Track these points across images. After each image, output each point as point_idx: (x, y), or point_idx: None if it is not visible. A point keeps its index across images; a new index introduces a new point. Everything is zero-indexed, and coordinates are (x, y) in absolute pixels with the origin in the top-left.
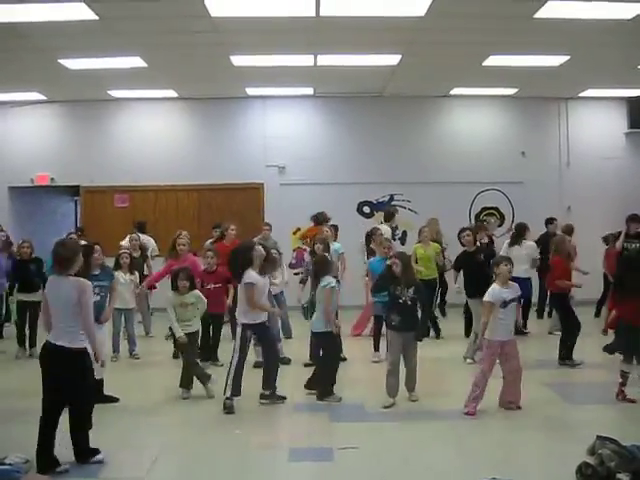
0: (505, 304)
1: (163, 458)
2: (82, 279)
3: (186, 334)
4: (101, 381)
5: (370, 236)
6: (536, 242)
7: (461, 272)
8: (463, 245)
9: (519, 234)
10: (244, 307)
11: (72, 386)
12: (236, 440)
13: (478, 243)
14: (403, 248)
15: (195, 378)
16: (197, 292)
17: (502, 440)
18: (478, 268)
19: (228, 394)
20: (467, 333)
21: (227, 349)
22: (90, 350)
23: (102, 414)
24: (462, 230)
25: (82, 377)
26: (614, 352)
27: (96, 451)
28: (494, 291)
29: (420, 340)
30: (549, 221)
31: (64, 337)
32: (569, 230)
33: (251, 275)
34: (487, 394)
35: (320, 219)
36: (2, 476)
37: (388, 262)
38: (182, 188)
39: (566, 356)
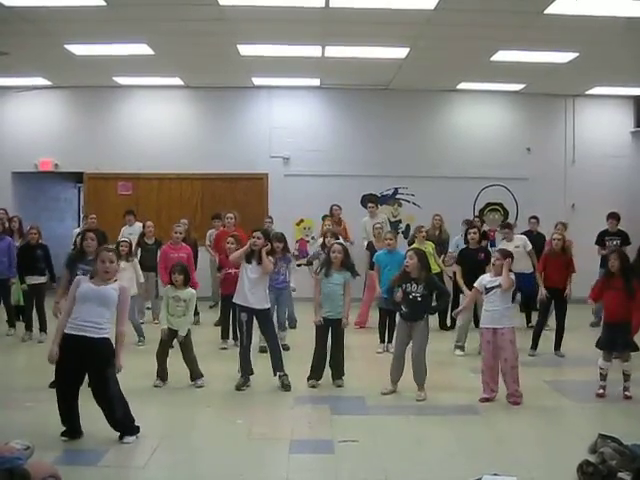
0: (486, 290)
1: (163, 447)
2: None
3: (172, 330)
4: None
5: None
6: None
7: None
8: (467, 242)
9: None
10: (238, 288)
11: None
12: (237, 430)
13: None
14: (406, 242)
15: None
16: (192, 291)
17: (503, 436)
18: (477, 265)
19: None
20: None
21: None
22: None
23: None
24: (470, 227)
25: None
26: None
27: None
28: (480, 279)
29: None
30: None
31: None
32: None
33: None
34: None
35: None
36: (4, 463)
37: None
38: (186, 177)
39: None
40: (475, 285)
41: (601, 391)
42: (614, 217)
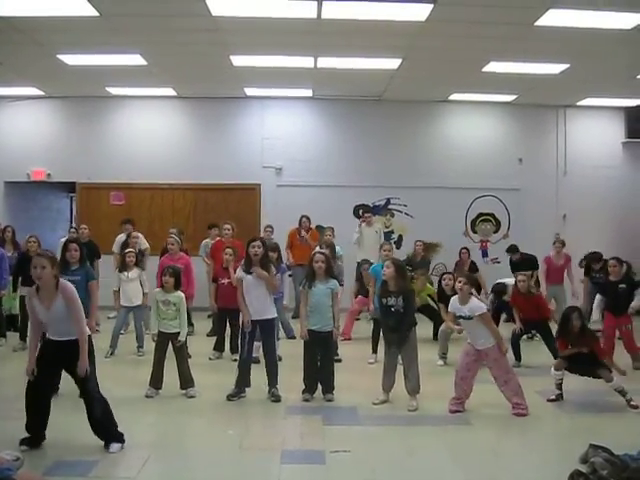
0: (456, 318)
1: (154, 458)
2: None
3: (165, 333)
4: None
5: None
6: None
7: None
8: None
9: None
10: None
11: None
12: (228, 441)
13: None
14: (398, 252)
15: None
16: (181, 294)
17: (495, 446)
18: None
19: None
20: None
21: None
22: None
23: None
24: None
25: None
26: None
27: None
28: (452, 302)
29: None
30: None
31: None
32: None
33: (238, 271)
34: (480, 400)
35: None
36: None
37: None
38: (178, 187)
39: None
40: (449, 310)
41: (552, 397)
42: (595, 260)
